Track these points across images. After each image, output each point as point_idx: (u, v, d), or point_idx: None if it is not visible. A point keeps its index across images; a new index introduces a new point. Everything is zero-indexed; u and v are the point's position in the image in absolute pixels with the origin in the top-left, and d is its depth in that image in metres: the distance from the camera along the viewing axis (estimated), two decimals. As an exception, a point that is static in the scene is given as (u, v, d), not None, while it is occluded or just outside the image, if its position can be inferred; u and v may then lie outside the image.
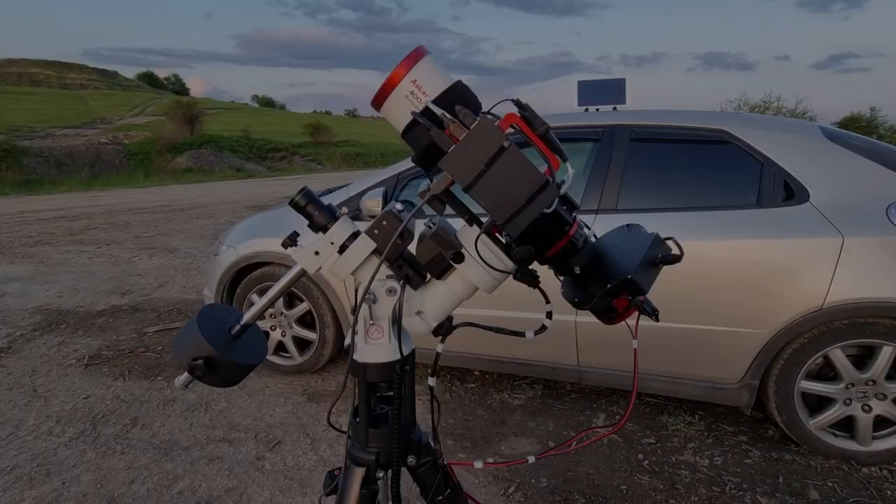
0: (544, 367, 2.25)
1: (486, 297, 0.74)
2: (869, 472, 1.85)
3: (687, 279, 1.91)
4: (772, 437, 2.09)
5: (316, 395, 2.51)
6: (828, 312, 1.77)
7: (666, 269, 0.66)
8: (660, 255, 0.63)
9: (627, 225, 0.73)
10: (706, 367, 1.99)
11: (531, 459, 0.78)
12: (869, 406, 1.83)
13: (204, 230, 7.50)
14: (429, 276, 0.71)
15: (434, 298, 0.70)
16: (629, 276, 0.60)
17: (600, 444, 2.06)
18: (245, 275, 2.67)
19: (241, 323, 0.74)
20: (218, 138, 26.14)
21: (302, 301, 2.58)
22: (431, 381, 0.75)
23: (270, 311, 2.65)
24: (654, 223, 0.86)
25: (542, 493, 1.78)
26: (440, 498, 0.79)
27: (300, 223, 0.73)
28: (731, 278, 1.88)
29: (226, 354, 0.69)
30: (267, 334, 2.68)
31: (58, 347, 3.12)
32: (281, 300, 2.62)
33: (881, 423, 1.86)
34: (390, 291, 0.68)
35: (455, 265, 0.67)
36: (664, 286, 0.82)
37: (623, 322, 0.71)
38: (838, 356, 1.82)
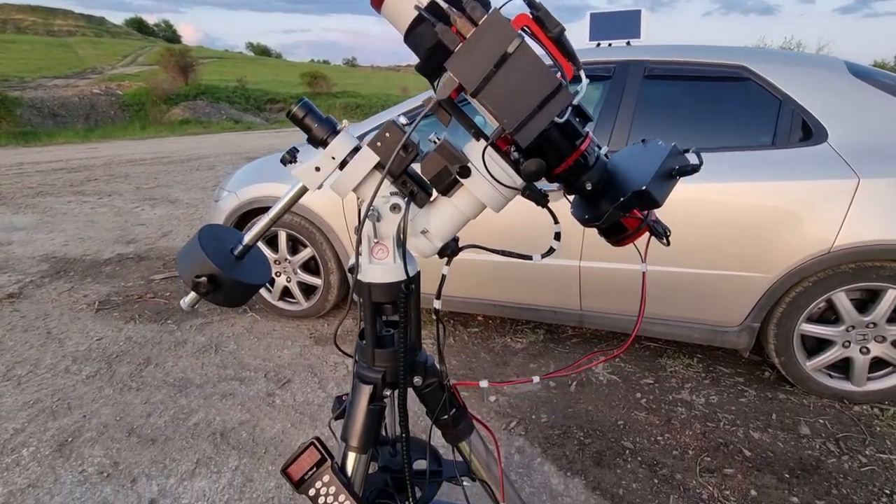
0: (547, 312, 2.27)
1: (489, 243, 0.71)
2: (860, 409, 1.91)
3: (695, 222, 1.88)
4: (768, 378, 2.15)
5: (322, 338, 2.57)
6: (836, 256, 1.75)
7: (676, 213, 0.63)
8: (677, 167, 0.60)
9: (643, 140, 0.70)
10: (708, 311, 2.00)
11: (536, 379, 0.80)
12: (867, 348, 1.86)
13: (205, 181, 7.42)
14: (434, 194, 0.69)
15: (440, 217, 0.68)
16: (643, 188, 0.57)
17: (599, 384, 2.12)
18: (247, 221, 2.65)
19: (244, 243, 0.72)
20: (213, 89, 25.33)
21: (306, 247, 2.58)
22: (437, 304, 0.75)
23: (275, 257, 2.66)
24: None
25: (542, 426, 1.85)
26: (445, 417, 0.81)
27: None
28: (740, 221, 1.85)
29: (228, 273, 0.68)
30: (272, 280, 2.71)
31: (68, 293, 3.18)
32: (285, 246, 2.62)
33: (876, 364, 1.90)
34: (394, 208, 0.66)
35: (461, 180, 0.64)
36: (672, 230, 0.77)
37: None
38: (841, 299, 1.83)
